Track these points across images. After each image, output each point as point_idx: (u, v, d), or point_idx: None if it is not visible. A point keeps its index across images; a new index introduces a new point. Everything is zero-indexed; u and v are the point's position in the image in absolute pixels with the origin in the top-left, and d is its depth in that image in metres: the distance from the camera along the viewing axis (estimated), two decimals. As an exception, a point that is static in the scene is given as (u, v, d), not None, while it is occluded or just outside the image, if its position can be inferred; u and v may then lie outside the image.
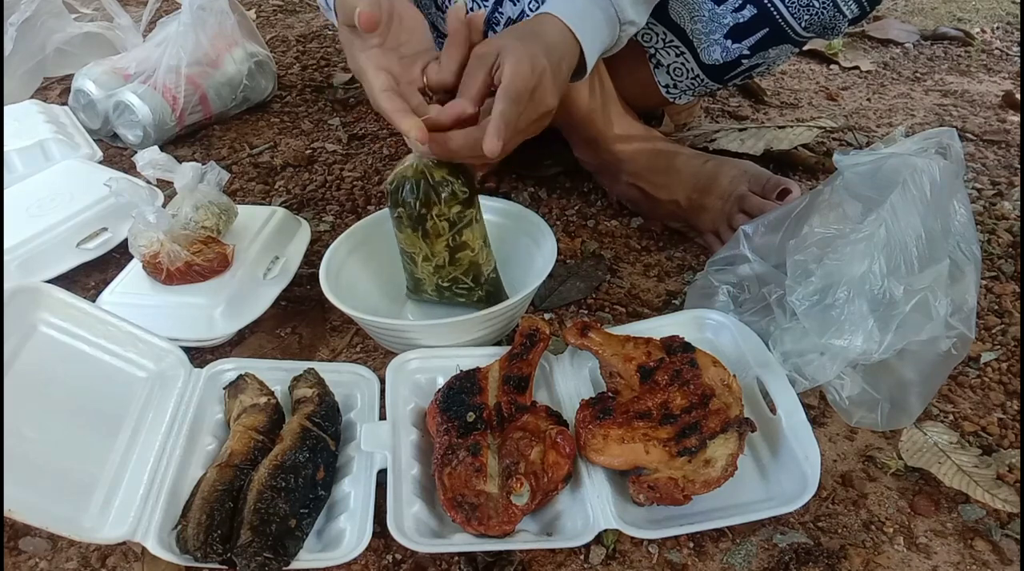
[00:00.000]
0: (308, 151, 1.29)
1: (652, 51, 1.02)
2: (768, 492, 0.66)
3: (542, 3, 0.89)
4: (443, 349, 0.78)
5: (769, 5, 0.91)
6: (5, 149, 1.13)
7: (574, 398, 0.73)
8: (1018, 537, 0.63)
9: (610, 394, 0.71)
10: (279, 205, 1.10)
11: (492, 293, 0.83)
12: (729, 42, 0.95)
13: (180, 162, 0.90)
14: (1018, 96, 1.38)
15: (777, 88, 1.49)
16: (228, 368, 0.77)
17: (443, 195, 0.74)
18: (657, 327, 0.79)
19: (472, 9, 0.95)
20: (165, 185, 0.94)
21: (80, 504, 0.62)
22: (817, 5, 0.90)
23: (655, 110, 1.20)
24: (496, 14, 0.94)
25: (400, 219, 0.78)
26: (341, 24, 0.75)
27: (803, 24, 0.92)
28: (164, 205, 0.90)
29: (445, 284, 0.82)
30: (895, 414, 0.72)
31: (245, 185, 1.20)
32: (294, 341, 0.88)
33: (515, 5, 0.92)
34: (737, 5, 0.92)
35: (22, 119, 1.22)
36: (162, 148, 1.14)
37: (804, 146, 1.19)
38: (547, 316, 0.90)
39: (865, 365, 0.71)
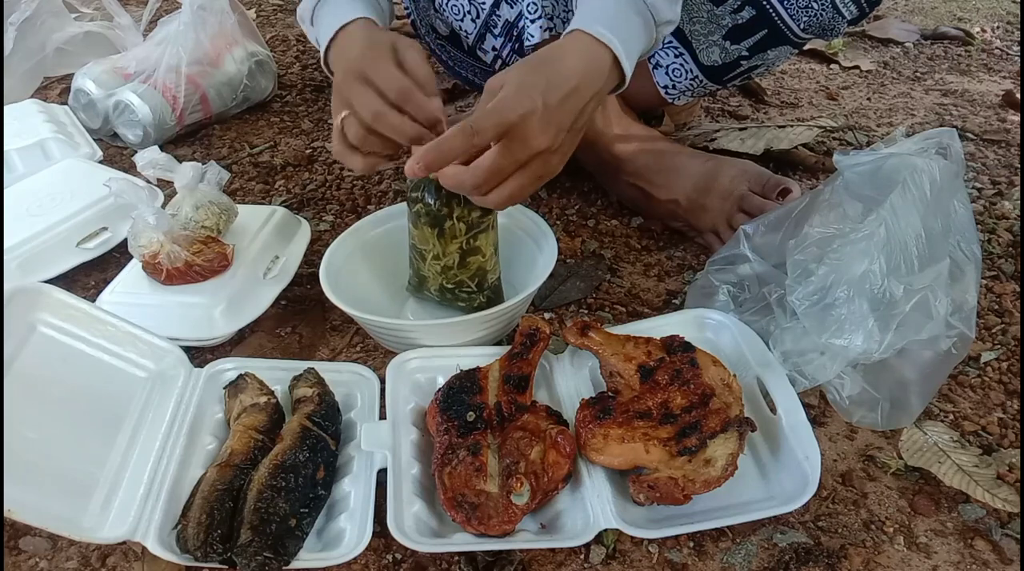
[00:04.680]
0: (308, 151, 1.29)
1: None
2: (768, 492, 0.66)
3: (542, 6, 0.89)
4: (443, 349, 0.78)
5: (768, 6, 0.91)
6: (5, 149, 1.13)
7: (574, 398, 0.73)
8: (1018, 537, 0.63)
9: (610, 394, 0.71)
10: (279, 205, 1.10)
11: (492, 300, 0.83)
12: (728, 43, 0.95)
13: (180, 162, 0.90)
14: (1018, 96, 1.38)
15: (777, 87, 1.49)
16: (228, 368, 0.77)
17: (464, 197, 0.74)
18: (657, 327, 0.79)
19: (468, 12, 0.95)
20: (165, 185, 0.94)
21: (80, 504, 0.62)
22: (816, 6, 0.90)
23: (655, 110, 1.20)
24: (494, 16, 0.94)
25: (418, 215, 0.78)
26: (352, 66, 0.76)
27: (802, 25, 0.92)
28: (164, 205, 0.90)
29: (449, 285, 0.82)
30: (895, 413, 0.72)
31: (245, 185, 1.20)
32: (294, 341, 0.88)
33: (512, 8, 0.92)
34: (736, 6, 0.92)
35: (22, 119, 1.22)
36: (162, 148, 1.14)
37: (804, 146, 1.19)
38: (547, 316, 0.90)
39: (865, 365, 0.71)
